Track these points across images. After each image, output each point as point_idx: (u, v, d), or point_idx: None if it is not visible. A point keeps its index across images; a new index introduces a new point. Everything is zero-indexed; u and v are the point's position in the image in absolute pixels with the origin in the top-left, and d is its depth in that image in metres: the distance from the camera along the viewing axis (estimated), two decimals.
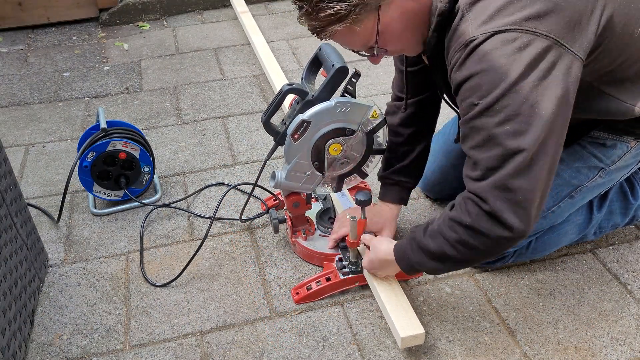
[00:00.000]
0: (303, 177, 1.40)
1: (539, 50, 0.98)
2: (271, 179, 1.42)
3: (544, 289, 1.47)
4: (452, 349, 1.32)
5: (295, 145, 1.35)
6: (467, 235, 1.10)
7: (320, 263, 1.53)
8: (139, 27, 3.08)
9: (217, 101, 2.35)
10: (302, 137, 1.34)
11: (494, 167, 1.03)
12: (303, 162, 1.38)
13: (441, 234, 1.15)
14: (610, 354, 1.30)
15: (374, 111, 1.35)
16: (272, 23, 3.06)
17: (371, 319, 1.40)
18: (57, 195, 1.84)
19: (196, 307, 1.44)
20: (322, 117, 1.33)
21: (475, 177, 1.06)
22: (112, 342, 1.36)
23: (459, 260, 1.16)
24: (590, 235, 1.54)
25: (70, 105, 2.37)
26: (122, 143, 1.68)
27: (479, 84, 1.00)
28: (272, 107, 1.37)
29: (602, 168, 1.36)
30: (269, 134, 1.38)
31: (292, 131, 1.32)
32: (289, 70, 2.56)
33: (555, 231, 1.47)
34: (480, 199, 1.06)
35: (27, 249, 1.42)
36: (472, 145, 1.06)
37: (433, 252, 1.17)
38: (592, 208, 1.49)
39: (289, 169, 1.38)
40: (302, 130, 1.33)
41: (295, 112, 1.34)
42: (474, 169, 1.07)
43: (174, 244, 1.64)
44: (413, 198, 1.78)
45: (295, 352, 1.32)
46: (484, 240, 1.08)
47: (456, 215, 1.11)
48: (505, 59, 0.97)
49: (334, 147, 1.38)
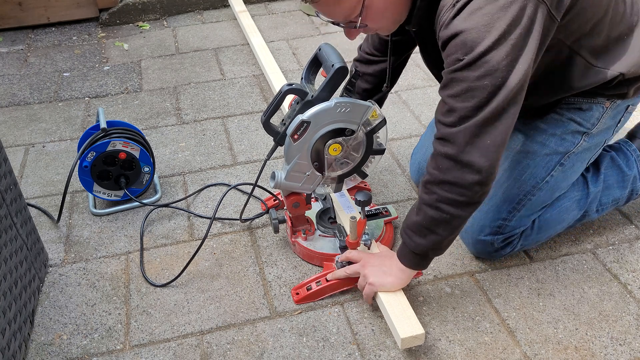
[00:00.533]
0: (303, 177, 1.40)
1: (520, 7, 1.05)
2: (271, 179, 1.42)
3: (544, 289, 1.47)
4: (452, 349, 1.32)
5: (294, 146, 1.35)
6: (442, 190, 1.18)
7: (320, 263, 1.53)
8: (139, 27, 3.08)
9: (217, 101, 2.35)
10: (301, 138, 1.34)
11: (468, 115, 1.12)
12: (303, 163, 1.38)
13: (423, 203, 1.23)
14: (610, 354, 1.30)
15: (373, 111, 1.35)
16: (272, 23, 3.06)
17: (371, 319, 1.40)
18: (57, 195, 1.84)
19: (196, 307, 1.44)
20: (322, 118, 1.33)
21: (448, 123, 1.15)
22: (112, 342, 1.36)
23: (448, 221, 1.21)
24: (592, 212, 1.55)
25: (70, 105, 2.38)
26: (122, 143, 1.68)
27: (464, 40, 1.07)
28: (271, 108, 1.36)
29: (584, 132, 1.41)
30: (268, 134, 1.38)
31: (292, 131, 1.32)
32: (289, 70, 2.56)
33: (555, 208, 1.49)
34: (450, 142, 1.15)
35: (27, 249, 1.42)
36: (450, 94, 1.13)
37: (422, 225, 1.23)
38: (587, 182, 1.52)
39: (289, 169, 1.38)
40: (302, 131, 1.33)
41: (294, 113, 1.34)
42: (448, 115, 1.15)
43: (174, 244, 1.64)
44: (413, 198, 1.78)
45: (295, 352, 1.32)
46: (459, 190, 1.17)
47: (429, 178, 1.20)
48: (489, 17, 1.05)
49: (334, 147, 1.38)
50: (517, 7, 1.05)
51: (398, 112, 2.20)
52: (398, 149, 2.00)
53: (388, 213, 1.61)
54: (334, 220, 1.60)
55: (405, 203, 1.76)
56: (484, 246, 1.49)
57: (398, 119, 2.17)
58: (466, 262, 1.55)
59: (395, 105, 2.26)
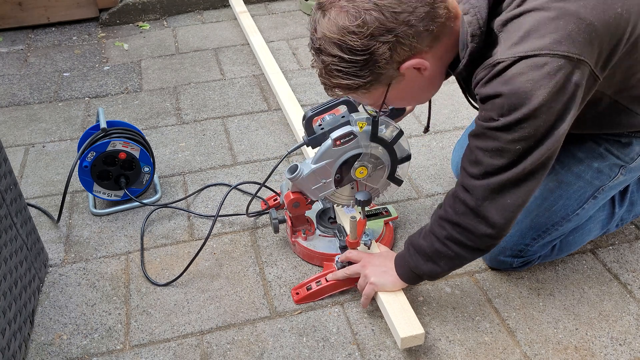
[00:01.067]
0: (319, 182, 1.42)
1: (566, 74, 1.00)
2: (290, 171, 1.42)
3: (544, 289, 1.47)
4: (452, 349, 1.32)
5: (332, 150, 1.37)
6: (454, 231, 1.18)
7: (320, 263, 1.53)
8: (139, 27, 3.08)
9: (217, 101, 2.35)
10: (342, 147, 1.37)
11: (493, 173, 1.10)
12: (328, 169, 1.40)
13: (432, 233, 1.23)
14: (610, 354, 1.30)
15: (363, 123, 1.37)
16: (272, 23, 3.06)
17: (371, 319, 1.40)
18: (57, 195, 1.84)
19: (196, 307, 1.44)
20: (367, 140, 1.36)
21: (472, 174, 1.13)
22: (112, 342, 1.36)
23: (451, 257, 1.23)
24: (612, 228, 1.54)
25: (70, 105, 2.37)
26: (122, 143, 1.68)
27: (502, 104, 1.03)
28: (323, 108, 1.39)
29: (622, 165, 1.34)
30: (304, 128, 1.40)
31: (338, 136, 1.35)
32: (288, 70, 2.56)
33: (579, 231, 1.47)
34: (470, 193, 1.14)
35: (27, 249, 1.42)
36: (480, 146, 1.11)
37: (426, 252, 1.25)
38: (614, 203, 1.49)
39: (314, 169, 1.39)
40: (347, 141, 1.36)
41: (343, 121, 1.39)
42: (473, 166, 1.13)
43: (174, 244, 1.64)
44: (413, 198, 1.78)
45: (295, 352, 1.32)
46: (469, 236, 1.17)
47: (444, 214, 1.20)
48: (531, 84, 1.00)
49: (361, 169, 1.41)
50: (563, 75, 0.99)
51: None
52: None
53: (388, 213, 1.61)
54: (334, 220, 1.60)
55: (405, 203, 1.76)
56: (502, 264, 1.49)
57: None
58: None
59: None
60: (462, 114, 2.19)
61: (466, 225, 1.17)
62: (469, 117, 2.17)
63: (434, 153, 1.99)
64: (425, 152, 1.98)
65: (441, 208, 1.23)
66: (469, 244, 1.19)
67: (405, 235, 1.64)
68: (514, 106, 1.02)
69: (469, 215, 1.16)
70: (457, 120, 2.16)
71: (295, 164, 1.42)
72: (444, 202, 1.22)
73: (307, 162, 1.41)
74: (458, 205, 1.17)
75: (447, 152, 1.98)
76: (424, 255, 1.25)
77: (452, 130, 2.10)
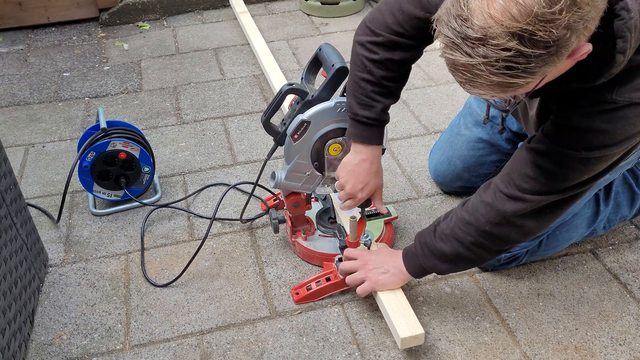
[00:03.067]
0: (303, 177, 1.40)
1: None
2: (271, 179, 1.42)
3: (544, 289, 1.47)
4: (452, 349, 1.32)
5: (295, 146, 1.35)
6: (482, 238, 1.17)
7: (320, 263, 1.53)
8: (139, 27, 3.08)
9: (217, 101, 2.35)
10: (301, 138, 1.34)
11: (548, 193, 1.09)
12: (303, 162, 1.38)
13: (455, 238, 1.20)
14: (610, 354, 1.30)
15: None
16: (272, 23, 3.06)
17: (371, 319, 1.40)
18: (57, 195, 1.84)
19: (196, 307, 1.44)
20: (322, 117, 1.33)
21: (523, 189, 1.11)
22: (112, 342, 1.36)
23: (473, 260, 1.23)
24: (600, 229, 1.54)
25: (70, 105, 2.37)
26: (122, 143, 1.68)
27: (593, 139, 1.01)
28: (271, 107, 1.37)
29: None
30: (268, 134, 1.38)
31: (292, 131, 1.32)
32: (288, 70, 2.56)
33: (565, 226, 1.47)
34: (514, 203, 1.12)
35: (27, 249, 1.42)
36: (542, 164, 1.08)
37: (447, 255, 1.23)
38: (598, 201, 1.50)
39: (289, 169, 1.38)
40: (302, 131, 1.33)
41: (295, 112, 1.34)
42: (526, 180, 1.10)
43: (174, 244, 1.64)
44: (413, 198, 1.78)
45: (295, 352, 1.32)
46: (498, 243, 1.18)
47: (473, 221, 1.17)
48: (631, 129, 0.99)
49: (334, 147, 1.38)
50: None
51: (398, 112, 2.20)
52: (398, 149, 2.00)
53: (388, 213, 1.61)
54: (334, 220, 1.60)
55: (405, 203, 1.76)
56: (490, 261, 1.47)
57: (398, 119, 2.17)
58: None
59: (395, 106, 2.25)
60: None
61: (499, 234, 1.16)
62: None
63: None
64: (425, 152, 1.98)
65: (467, 212, 1.19)
66: (496, 248, 1.19)
67: (405, 235, 1.64)
68: (605, 144, 1.00)
69: (504, 226, 1.14)
70: None
71: (273, 172, 1.42)
72: (470, 207, 1.19)
73: (284, 166, 1.41)
74: (493, 215, 1.14)
75: None
76: (443, 257, 1.24)
77: None
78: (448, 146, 1.72)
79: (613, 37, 0.90)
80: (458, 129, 1.71)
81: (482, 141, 1.65)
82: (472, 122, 1.67)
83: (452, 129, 1.73)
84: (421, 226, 1.66)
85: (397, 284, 1.34)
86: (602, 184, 1.45)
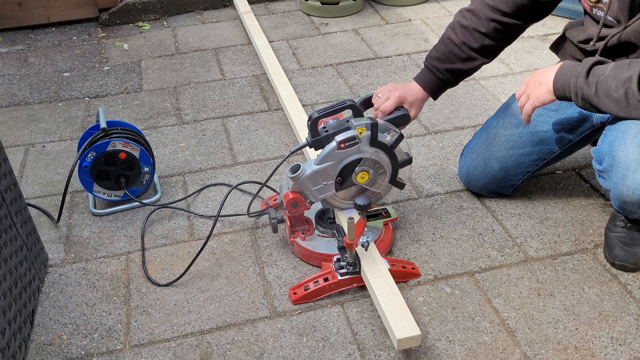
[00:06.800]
0: (320, 184, 1.43)
1: None
2: (292, 170, 1.42)
3: (544, 289, 1.47)
4: (452, 349, 1.32)
5: (336, 153, 1.39)
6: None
7: (319, 263, 1.53)
8: (139, 27, 3.08)
9: (217, 101, 2.35)
10: (345, 150, 1.38)
11: None
12: (329, 171, 1.42)
13: (627, 101, 1.21)
14: (610, 354, 1.30)
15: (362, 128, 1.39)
16: (272, 23, 3.06)
17: (371, 319, 1.40)
18: (57, 195, 1.84)
19: (196, 307, 1.44)
20: (367, 145, 1.38)
21: None
22: (112, 342, 1.36)
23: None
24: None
25: (70, 105, 2.38)
26: (122, 143, 1.68)
27: None
28: (329, 111, 1.41)
29: None
30: (309, 129, 1.42)
31: (343, 139, 1.37)
32: (289, 71, 2.56)
33: None
34: None
35: (27, 249, 1.42)
36: None
37: (616, 99, 1.22)
38: None
39: (316, 170, 1.40)
40: (350, 144, 1.38)
41: (349, 125, 1.40)
42: None
43: (174, 244, 1.64)
44: (413, 198, 1.78)
45: (295, 352, 1.32)
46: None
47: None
48: None
49: (362, 174, 1.43)
50: None
51: None
52: None
53: (387, 214, 1.62)
54: (333, 221, 1.60)
55: (405, 203, 1.76)
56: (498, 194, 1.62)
57: None
58: (466, 262, 1.55)
59: None
60: (462, 114, 2.19)
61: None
62: (468, 117, 2.17)
63: (433, 153, 1.99)
64: (425, 152, 1.98)
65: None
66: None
67: (405, 236, 1.64)
68: None
69: None
70: (457, 120, 2.16)
71: (298, 164, 1.42)
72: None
73: (309, 163, 1.42)
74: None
75: (447, 152, 1.98)
76: (611, 98, 1.23)
77: (452, 130, 2.10)
78: (484, 148, 1.69)
79: None
80: (496, 131, 1.68)
81: (524, 140, 1.64)
82: (514, 124, 1.65)
83: (489, 131, 1.70)
84: (421, 226, 1.66)
85: (548, 96, 1.34)
86: None
